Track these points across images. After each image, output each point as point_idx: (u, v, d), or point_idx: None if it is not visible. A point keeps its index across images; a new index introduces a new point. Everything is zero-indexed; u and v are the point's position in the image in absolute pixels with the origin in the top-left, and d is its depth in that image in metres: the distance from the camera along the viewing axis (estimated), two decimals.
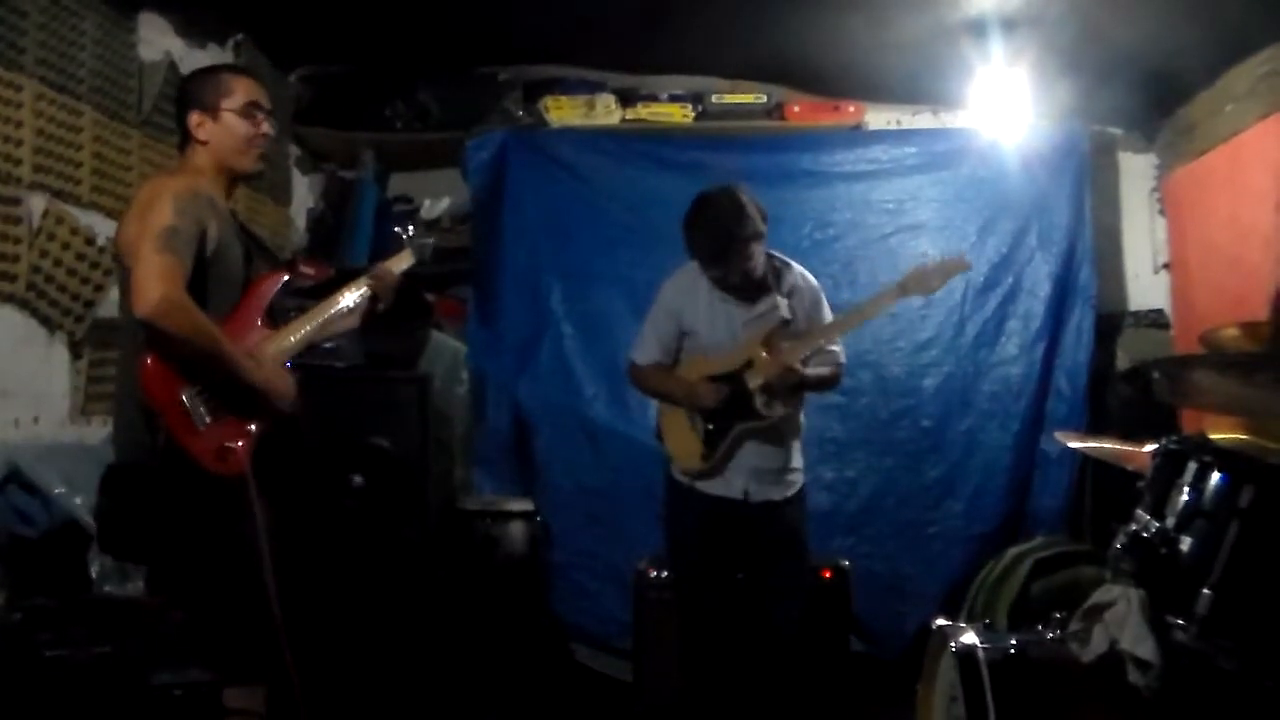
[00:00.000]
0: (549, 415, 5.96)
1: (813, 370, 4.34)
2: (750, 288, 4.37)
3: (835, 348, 4.45)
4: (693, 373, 4.42)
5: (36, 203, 4.04)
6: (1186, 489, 2.88)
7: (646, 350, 4.51)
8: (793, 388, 4.29)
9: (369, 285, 3.52)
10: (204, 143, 3.31)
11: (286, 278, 3.38)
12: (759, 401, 4.26)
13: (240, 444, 3.12)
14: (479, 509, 5.52)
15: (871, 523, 5.84)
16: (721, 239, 4.20)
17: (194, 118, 3.31)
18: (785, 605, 4.37)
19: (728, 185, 4.30)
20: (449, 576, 5.16)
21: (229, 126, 3.31)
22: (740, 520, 4.37)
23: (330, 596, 4.28)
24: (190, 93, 3.37)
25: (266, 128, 3.38)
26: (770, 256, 4.42)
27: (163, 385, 3.04)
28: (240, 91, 3.34)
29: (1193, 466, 2.90)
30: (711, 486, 4.38)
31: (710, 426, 4.34)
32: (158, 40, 4.86)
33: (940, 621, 3.69)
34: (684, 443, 4.43)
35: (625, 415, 5.76)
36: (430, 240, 3.85)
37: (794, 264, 4.50)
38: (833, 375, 4.46)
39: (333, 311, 3.43)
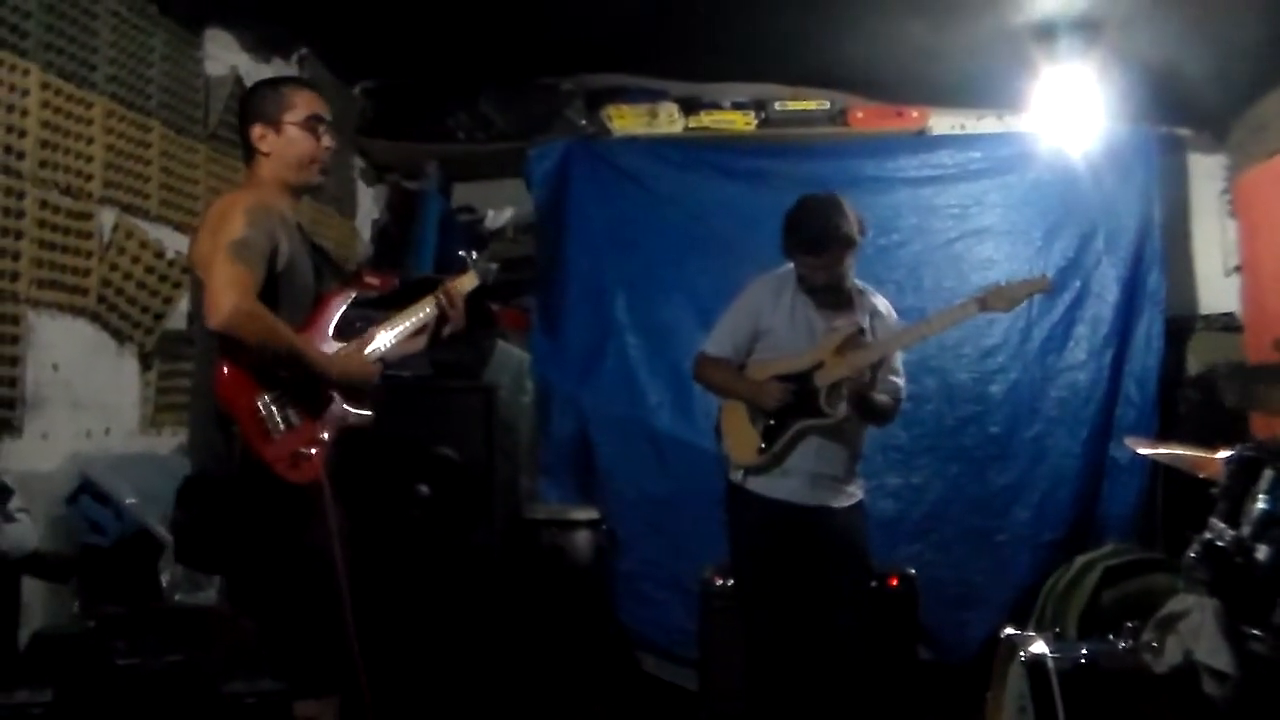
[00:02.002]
0: (613, 424, 5.96)
1: (876, 394, 4.34)
2: (835, 296, 4.39)
3: (898, 379, 4.47)
4: (761, 374, 4.41)
5: (107, 217, 4.11)
6: (1262, 497, 2.85)
7: (719, 343, 4.51)
8: (855, 398, 4.28)
9: (437, 305, 3.53)
10: (266, 154, 3.33)
11: (354, 294, 3.40)
12: (823, 399, 4.26)
13: (314, 451, 3.14)
14: (545, 518, 5.53)
15: (938, 530, 5.79)
16: (819, 224, 4.25)
17: (256, 130, 3.33)
18: (847, 615, 4.34)
19: (832, 192, 4.38)
20: (515, 585, 5.18)
21: (291, 139, 3.32)
22: (798, 525, 4.34)
23: (397, 606, 4.31)
24: (253, 105, 3.39)
25: (328, 141, 3.40)
26: (857, 281, 4.47)
27: (238, 392, 3.07)
28: (302, 105, 3.36)
29: (1268, 474, 2.87)
30: (768, 488, 4.36)
31: (771, 421, 4.34)
32: (224, 56, 4.92)
33: (1009, 630, 3.65)
34: (742, 436, 4.41)
35: (689, 424, 5.74)
36: (494, 265, 3.86)
37: (879, 294, 4.55)
38: (891, 407, 4.46)
39: (403, 329, 3.45)
